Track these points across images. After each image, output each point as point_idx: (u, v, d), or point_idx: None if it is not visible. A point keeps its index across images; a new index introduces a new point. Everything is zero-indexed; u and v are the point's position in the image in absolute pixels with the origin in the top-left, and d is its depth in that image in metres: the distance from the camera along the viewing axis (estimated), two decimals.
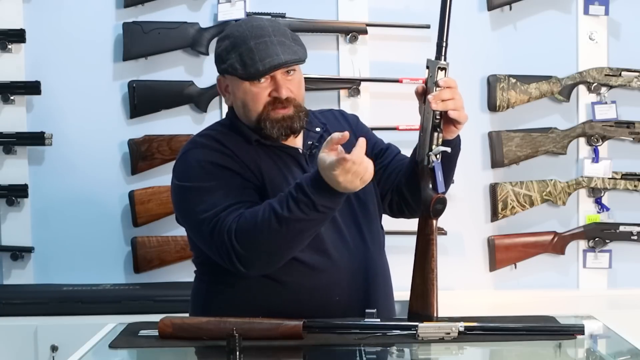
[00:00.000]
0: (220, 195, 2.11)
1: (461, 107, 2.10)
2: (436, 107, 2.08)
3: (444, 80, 2.08)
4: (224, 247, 2.06)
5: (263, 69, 2.12)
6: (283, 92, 2.15)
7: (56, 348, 3.11)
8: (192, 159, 2.18)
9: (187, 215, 2.18)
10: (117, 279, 3.45)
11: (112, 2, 3.44)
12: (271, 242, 2.04)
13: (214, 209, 2.09)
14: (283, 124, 2.16)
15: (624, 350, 2.01)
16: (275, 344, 1.96)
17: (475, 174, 3.52)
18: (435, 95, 2.08)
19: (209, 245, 2.12)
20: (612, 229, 3.51)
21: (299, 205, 2.01)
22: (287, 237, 2.04)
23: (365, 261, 2.22)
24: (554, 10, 3.53)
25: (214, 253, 2.11)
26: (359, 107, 3.42)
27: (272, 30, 2.16)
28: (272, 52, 2.12)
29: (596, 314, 2.24)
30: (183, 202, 2.18)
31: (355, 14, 3.45)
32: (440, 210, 2.10)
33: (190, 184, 2.16)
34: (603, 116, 3.49)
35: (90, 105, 3.45)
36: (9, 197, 3.37)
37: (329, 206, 2.02)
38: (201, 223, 2.11)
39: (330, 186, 1.99)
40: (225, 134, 2.22)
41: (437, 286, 2.08)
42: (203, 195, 2.12)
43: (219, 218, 2.07)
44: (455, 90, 2.10)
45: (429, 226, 2.10)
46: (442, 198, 2.09)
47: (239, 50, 2.14)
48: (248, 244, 2.04)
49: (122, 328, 2.14)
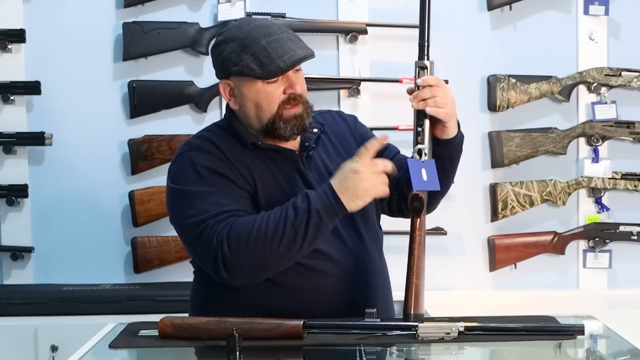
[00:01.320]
0: (212, 202, 2.10)
1: (444, 104, 2.11)
2: (416, 106, 2.11)
3: (421, 79, 2.11)
4: (211, 252, 2.05)
5: (284, 65, 2.11)
6: (298, 87, 2.16)
7: (56, 348, 3.11)
8: (187, 162, 2.17)
9: (176, 218, 2.17)
10: (117, 279, 3.45)
11: (112, 2, 3.44)
12: (263, 250, 2.03)
13: (203, 214, 2.08)
14: (296, 122, 2.16)
15: (624, 350, 2.01)
16: (275, 344, 1.96)
17: (475, 174, 3.52)
18: (415, 95, 2.11)
19: (194, 249, 2.12)
20: (612, 229, 3.51)
21: (297, 212, 2.02)
22: (279, 247, 2.03)
23: (364, 261, 2.22)
24: (554, 10, 3.53)
25: (199, 257, 2.11)
26: (359, 107, 3.43)
27: (277, 29, 2.17)
28: (288, 49, 2.12)
29: (596, 314, 2.24)
30: (174, 204, 2.18)
31: (355, 14, 3.46)
32: (417, 208, 2.11)
33: (182, 187, 2.15)
34: (603, 116, 3.49)
35: (90, 105, 3.45)
36: (9, 197, 3.37)
37: (327, 218, 2.04)
38: (189, 227, 2.10)
39: (337, 199, 2.02)
40: (220, 136, 2.21)
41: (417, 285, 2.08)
42: (194, 200, 2.11)
43: (207, 224, 2.07)
44: (438, 88, 2.11)
45: (412, 224, 2.12)
46: (416, 196, 2.10)
47: (251, 50, 2.13)
48: (238, 249, 2.03)
49: (122, 328, 2.14)
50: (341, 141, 2.30)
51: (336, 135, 2.31)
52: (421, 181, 2.09)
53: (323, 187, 2.06)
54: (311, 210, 2.03)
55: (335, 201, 2.03)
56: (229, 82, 2.20)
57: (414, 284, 2.08)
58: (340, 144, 2.29)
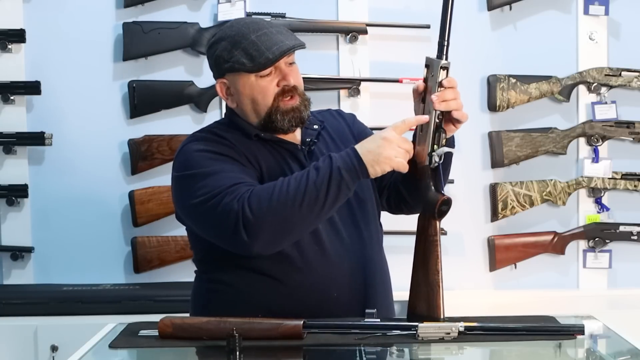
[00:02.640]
0: (225, 177, 2.09)
1: (462, 106, 2.11)
2: (439, 107, 2.08)
3: (447, 80, 2.09)
4: (231, 215, 2.02)
5: (273, 56, 2.13)
6: (291, 79, 2.17)
7: (56, 348, 3.11)
8: (193, 150, 2.17)
9: (188, 201, 2.13)
10: (117, 279, 3.45)
11: (112, 2, 3.44)
12: (285, 210, 2.01)
13: (219, 188, 2.07)
14: (293, 115, 2.18)
15: (624, 350, 2.01)
16: (275, 344, 1.96)
17: (475, 174, 3.52)
18: (439, 95, 2.08)
19: (211, 221, 2.07)
20: (612, 229, 3.51)
21: (319, 171, 2.02)
22: (301, 206, 2.01)
23: (363, 259, 2.22)
24: (554, 10, 3.53)
25: (216, 227, 2.07)
26: (359, 107, 3.43)
27: (267, 24, 2.20)
28: (277, 40, 2.15)
29: (596, 314, 2.24)
30: (184, 190, 2.15)
31: (355, 14, 3.46)
32: (445, 211, 2.11)
33: (191, 171, 2.13)
34: (603, 116, 3.49)
35: (90, 105, 3.45)
36: (9, 197, 3.37)
37: (348, 177, 2.03)
38: (204, 201, 2.07)
39: (359, 160, 2.02)
40: (224, 130, 2.23)
41: (442, 288, 2.07)
42: (206, 179, 2.09)
43: (226, 192, 2.05)
44: (457, 90, 2.11)
45: (433, 227, 2.11)
46: (448, 199, 2.10)
47: (241, 46, 2.15)
48: (260, 210, 2.01)
49: (122, 328, 2.14)
50: (341, 137, 2.32)
51: (336, 131, 2.33)
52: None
53: (346, 150, 2.07)
54: (333, 169, 2.03)
55: (357, 162, 2.04)
56: (224, 80, 2.22)
57: (442, 288, 2.06)
58: (340, 140, 2.31)
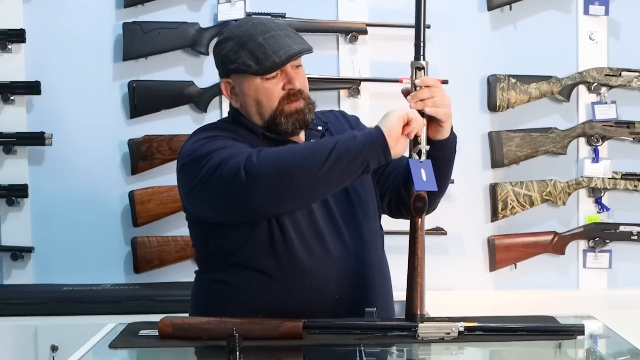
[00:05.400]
0: (228, 149, 2.06)
1: (442, 104, 2.10)
2: (415, 106, 2.09)
3: (420, 79, 2.10)
4: (235, 161, 1.99)
5: (279, 60, 2.13)
6: (297, 83, 2.17)
7: (56, 348, 3.11)
8: (198, 137, 2.16)
9: (194, 179, 2.08)
10: (117, 279, 3.45)
11: (112, 2, 3.44)
12: (289, 162, 1.98)
13: (223, 158, 2.04)
14: (297, 117, 2.18)
15: (624, 350, 2.01)
16: (275, 344, 1.96)
17: (475, 174, 3.52)
18: (413, 95, 2.10)
19: (217, 177, 2.03)
20: (612, 229, 3.51)
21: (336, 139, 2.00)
22: (304, 161, 1.98)
23: (364, 260, 2.22)
24: (554, 10, 3.53)
25: (217, 179, 2.03)
26: (359, 107, 3.43)
27: (275, 26, 2.18)
28: (284, 44, 2.14)
29: (596, 314, 2.24)
30: (190, 173, 2.10)
31: (355, 14, 3.45)
32: (420, 208, 2.09)
33: (197, 153, 2.10)
34: (603, 116, 3.49)
35: (90, 105, 3.45)
36: (9, 197, 3.37)
37: (363, 140, 1.99)
38: (210, 168, 2.04)
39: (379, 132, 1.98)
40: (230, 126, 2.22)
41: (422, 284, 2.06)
42: (211, 154, 2.07)
43: (232, 152, 2.03)
44: (435, 89, 2.10)
45: (413, 224, 2.10)
46: (419, 196, 2.09)
47: (248, 47, 2.15)
48: (266, 159, 1.98)
49: (122, 328, 2.14)
50: None
51: (339, 133, 2.31)
52: (421, 181, 2.08)
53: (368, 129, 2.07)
54: (340, 137, 2.02)
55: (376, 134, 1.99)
56: (229, 80, 2.22)
57: (419, 284, 2.07)
58: None
